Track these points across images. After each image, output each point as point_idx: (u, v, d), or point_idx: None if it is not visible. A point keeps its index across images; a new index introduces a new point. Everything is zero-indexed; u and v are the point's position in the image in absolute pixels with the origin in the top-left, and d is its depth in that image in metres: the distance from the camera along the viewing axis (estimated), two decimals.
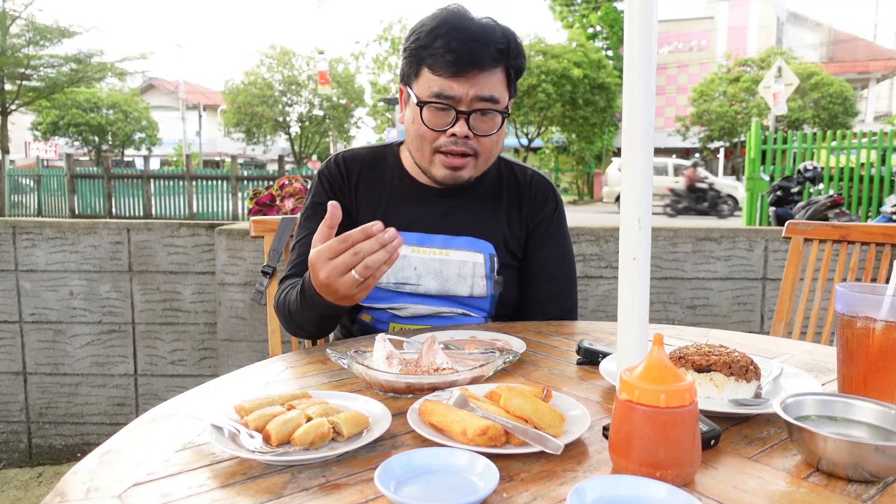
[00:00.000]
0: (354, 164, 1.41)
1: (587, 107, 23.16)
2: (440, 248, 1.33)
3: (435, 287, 1.32)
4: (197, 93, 36.64)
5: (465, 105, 1.24)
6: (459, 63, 1.20)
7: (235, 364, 2.63)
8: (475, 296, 1.34)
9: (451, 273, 1.32)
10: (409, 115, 1.31)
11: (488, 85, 1.24)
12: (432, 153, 1.29)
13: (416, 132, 1.28)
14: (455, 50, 1.19)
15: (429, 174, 1.33)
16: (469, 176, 1.31)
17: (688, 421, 0.63)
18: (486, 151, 1.30)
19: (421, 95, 1.25)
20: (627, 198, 0.76)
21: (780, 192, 7.73)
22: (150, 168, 15.53)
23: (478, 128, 1.26)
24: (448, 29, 1.21)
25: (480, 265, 1.34)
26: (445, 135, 1.26)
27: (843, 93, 22.74)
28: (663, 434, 0.62)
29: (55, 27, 17.29)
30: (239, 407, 0.77)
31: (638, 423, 0.63)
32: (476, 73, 1.22)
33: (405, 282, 1.32)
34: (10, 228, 2.71)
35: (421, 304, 1.34)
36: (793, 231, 1.81)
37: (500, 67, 1.26)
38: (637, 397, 0.63)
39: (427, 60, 1.23)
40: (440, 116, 1.25)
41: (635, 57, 0.74)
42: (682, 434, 0.63)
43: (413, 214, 1.36)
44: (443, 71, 1.21)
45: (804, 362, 1.07)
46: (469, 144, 1.27)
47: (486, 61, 1.22)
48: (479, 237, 1.36)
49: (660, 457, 0.62)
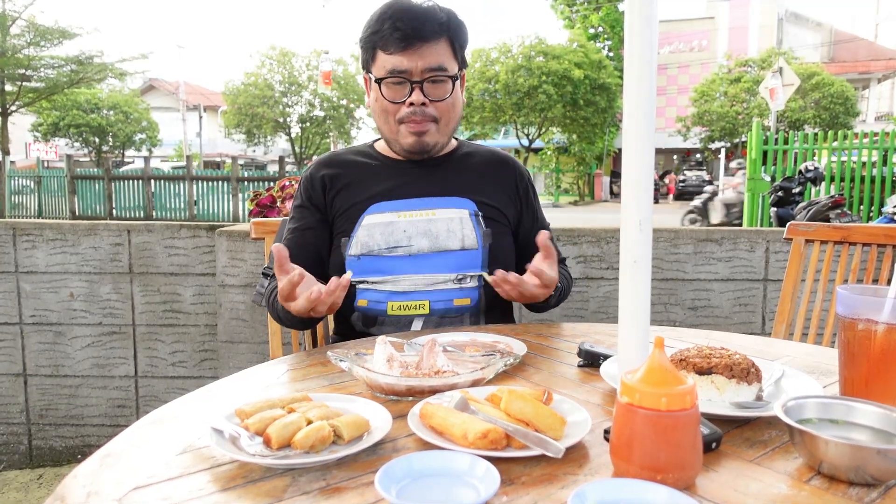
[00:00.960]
0: (333, 166, 1.51)
1: (588, 107, 23.16)
2: (426, 210, 1.42)
3: (427, 245, 1.39)
4: (197, 94, 36.64)
5: (418, 76, 1.37)
6: (406, 38, 1.34)
7: (236, 366, 2.63)
8: (466, 248, 1.40)
9: (440, 230, 1.40)
10: (372, 96, 1.44)
11: (435, 55, 1.37)
12: (397, 124, 1.41)
13: (380, 108, 1.42)
14: (401, 28, 1.34)
15: (397, 146, 1.45)
16: (434, 141, 1.43)
17: (689, 424, 0.63)
18: (445, 115, 1.43)
19: (378, 74, 1.39)
20: (628, 200, 0.76)
21: (781, 192, 7.73)
22: (150, 169, 15.51)
23: (432, 94, 1.39)
24: (393, 12, 1.36)
25: (467, 219, 1.42)
26: (405, 105, 1.39)
27: (844, 93, 22.72)
28: (664, 437, 0.62)
29: (56, 28, 17.27)
30: (239, 410, 0.77)
31: (639, 427, 0.63)
32: (421, 45, 1.36)
33: (397, 245, 1.39)
34: (10, 230, 2.71)
35: (415, 272, 1.38)
36: (794, 232, 1.81)
37: (444, 38, 1.39)
38: (638, 400, 0.63)
39: (379, 43, 1.37)
40: (397, 90, 1.39)
41: (636, 58, 0.74)
42: (684, 437, 0.63)
43: (394, 185, 1.45)
44: (393, 48, 1.35)
45: (805, 364, 1.07)
46: (427, 112, 1.40)
47: (430, 34, 1.36)
48: (460, 196, 1.45)
49: (661, 460, 0.62)
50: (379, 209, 1.42)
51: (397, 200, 1.42)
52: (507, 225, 1.50)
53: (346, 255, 1.39)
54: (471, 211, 1.43)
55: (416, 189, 1.45)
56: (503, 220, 1.49)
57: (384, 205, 1.42)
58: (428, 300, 1.38)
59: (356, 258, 1.39)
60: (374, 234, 1.39)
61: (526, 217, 1.55)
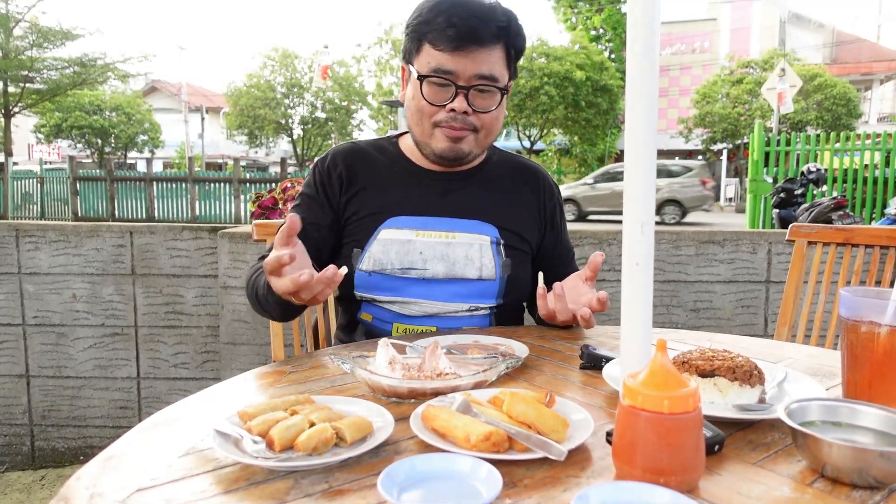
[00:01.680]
0: (351, 157, 1.40)
1: (589, 109, 23.14)
2: (445, 231, 1.32)
3: (442, 270, 1.31)
4: (199, 95, 36.69)
5: (465, 81, 1.25)
6: (460, 38, 1.22)
7: (238, 367, 2.64)
8: (484, 278, 1.33)
9: (458, 256, 1.31)
10: (409, 91, 1.32)
11: (488, 62, 1.25)
12: (432, 127, 1.30)
13: (416, 107, 1.30)
14: (456, 25, 1.21)
15: (428, 149, 1.33)
16: (469, 150, 1.32)
17: (691, 427, 0.63)
18: (486, 128, 1.32)
19: (421, 70, 1.27)
20: (630, 202, 0.76)
21: (783, 193, 7.72)
22: (152, 170, 15.54)
23: (477, 104, 1.28)
24: (450, 5, 1.23)
25: (487, 247, 1.33)
26: (445, 110, 1.27)
27: (846, 94, 22.70)
28: (667, 440, 0.62)
29: (59, 30, 17.33)
30: (242, 412, 0.77)
31: (642, 429, 0.63)
32: (476, 48, 1.23)
33: (411, 266, 1.30)
34: (13, 231, 2.71)
35: (427, 296, 1.31)
36: (796, 234, 1.81)
37: (500, 45, 1.27)
38: (640, 403, 0.63)
39: (428, 35, 1.25)
40: (439, 92, 1.27)
41: (638, 59, 0.74)
42: (686, 440, 0.62)
43: (415, 197, 1.35)
44: (443, 45, 1.23)
45: (808, 367, 1.07)
46: (468, 121, 1.28)
47: (486, 38, 1.24)
48: (483, 220, 1.36)
49: (664, 462, 0.62)
50: (396, 223, 1.32)
51: (417, 217, 1.33)
52: (528, 252, 1.42)
53: (357, 269, 1.32)
54: (492, 238, 1.35)
55: (437, 206, 1.35)
56: (524, 246, 1.41)
57: (402, 220, 1.33)
58: (436, 326, 1.32)
59: (367, 274, 1.31)
60: (389, 251, 1.30)
61: (548, 239, 1.47)
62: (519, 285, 1.37)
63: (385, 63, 26.16)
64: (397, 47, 26.53)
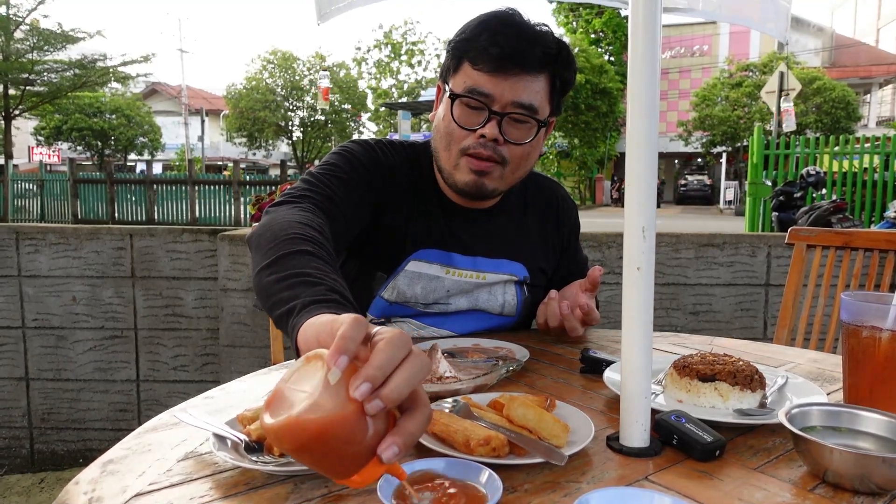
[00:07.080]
0: (396, 157, 1.28)
1: (589, 112, 23.19)
2: (476, 272, 1.28)
3: (465, 304, 1.28)
4: (199, 97, 36.73)
5: (500, 107, 1.14)
6: (502, 59, 1.11)
7: (237, 370, 2.63)
8: (505, 314, 1.32)
9: (482, 293, 1.29)
10: (440, 111, 1.22)
11: (529, 90, 1.14)
12: (459, 154, 1.18)
13: (445, 129, 1.19)
14: (500, 44, 1.11)
15: (451, 179, 1.21)
16: (493, 187, 1.20)
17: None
18: (515, 161, 1.19)
19: (455, 89, 1.16)
20: (631, 206, 0.76)
21: (782, 197, 7.72)
22: (152, 173, 15.54)
23: (509, 133, 1.16)
24: (498, 23, 1.14)
25: (512, 285, 1.31)
26: (474, 135, 1.15)
27: (845, 97, 22.74)
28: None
29: (59, 32, 17.34)
30: (241, 416, 0.77)
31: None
32: (518, 73, 1.13)
33: (436, 301, 1.26)
34: (13, 234, 2.71)
35: (443, 328, 1.29)
36: (796, 237, 1.81)
37: (545, 74, 1.16)
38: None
39: (470, 53, 1.14)
40: (471, 115, 1.16)
41: (639, 63, 0.74)
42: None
43: (448, 229, 1.27)
44: (483, 65, 1.13)
45: (809, 371, 1.07)
46: (497, 150, 1.16)
47: (531, 63, 1.13)
48: (513, 259, 1.31)
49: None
50: (427, 257, 1.24)
51: (448, 253, 1.26)
52: (546, 283, 1.38)
53: (378, 295, 1.25)
54: (520, 278, 1.31)
55: (469, 244, 1.28)
56: (543, 280, 1.38)
57: (434, 253, 1.25)
58: None
59: (388, 303, 1.25)
60: (415, 286, 1.24)
61: (563, 261, 1.43)
62: (532, 311, 1.35)
63: (385, 65, 26.20)
64: (396, 50, 26.58)
